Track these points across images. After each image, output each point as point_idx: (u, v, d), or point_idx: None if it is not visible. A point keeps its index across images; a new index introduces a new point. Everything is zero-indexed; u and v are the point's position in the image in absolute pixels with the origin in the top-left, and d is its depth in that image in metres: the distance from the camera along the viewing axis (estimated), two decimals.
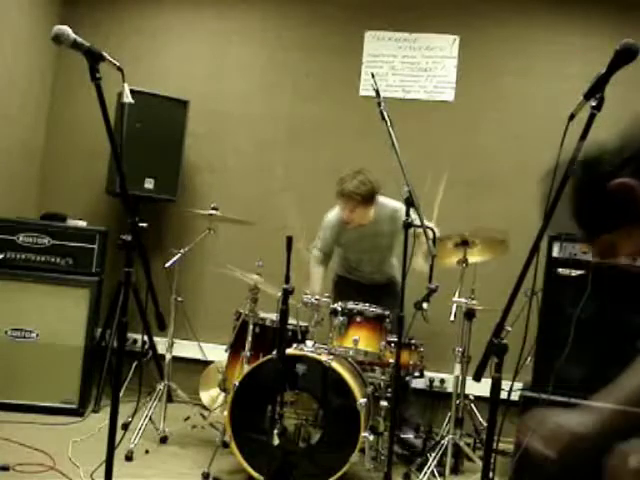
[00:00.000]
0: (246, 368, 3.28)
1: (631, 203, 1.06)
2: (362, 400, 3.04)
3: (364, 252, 3.98)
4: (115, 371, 2.31)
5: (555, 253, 3.29)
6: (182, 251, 3.64)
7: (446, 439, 3.37)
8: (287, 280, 2.89)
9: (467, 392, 3.69)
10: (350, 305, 3.49)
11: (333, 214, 3.90)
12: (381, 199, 3.77)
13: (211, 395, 4.14)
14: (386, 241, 3.92)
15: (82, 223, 4.16)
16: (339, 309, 3.44)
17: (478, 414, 3.92)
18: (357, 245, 3.94)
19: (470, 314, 3.47)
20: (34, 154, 4.74)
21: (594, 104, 1.81)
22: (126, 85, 2.22)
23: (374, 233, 3.85)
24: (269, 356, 3.17)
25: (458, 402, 3.52)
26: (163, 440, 3.58)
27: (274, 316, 3.47)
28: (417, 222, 2.80)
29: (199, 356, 4.46)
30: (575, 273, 3.22)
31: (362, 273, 4.06)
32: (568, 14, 4.44)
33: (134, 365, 4.27)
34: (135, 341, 4.40)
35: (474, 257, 3.58)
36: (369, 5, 4.67)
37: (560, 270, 3.27)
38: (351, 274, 4.11)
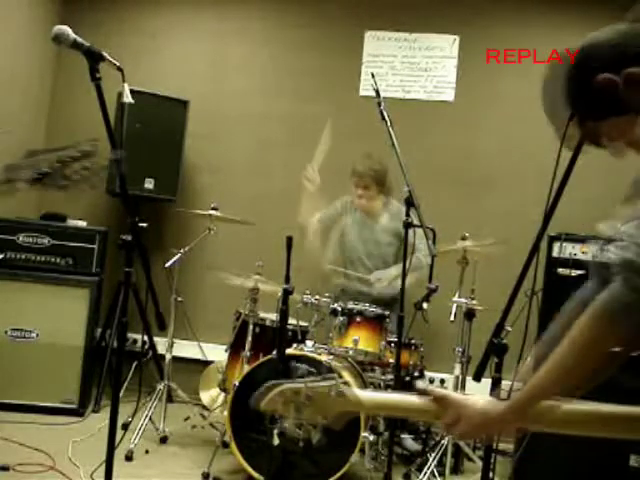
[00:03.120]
0: (246, 368, 3.28)
1: (614, 97, 1.14)
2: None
3: (363, 242, 3.98)
4: (115, 371, 2.31)
5: (555, 253, 3.29)
6: (182, 251, 3.65)
7: (446, 439, 3.37)
8: (287, 280, 2.89)
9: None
10: (350, 305, 3.49)
11: (344, 198, 4.05)
12: (392, 200, 3.91)
13: (211, 395, 4.14)
14: (388, 239, 3.92)
15: (82, 223, 4.16)
16: (339, 309, 3.44)
17: None
18: (358, 231, 3.98)
19: (470, 314, 3.47)
20: None
21: None
22: (126, 85, 2.22)
23: (377, 225, 3.95)
24: (269, 356, 3.17)
25: None
26: (163, 440, 3.58)
27: (274, 316, 3.47)
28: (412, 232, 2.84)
29: (199, 356, 4.46)
30: (575, 273, 3.22)
31: (362, 273, 4.01)
32: (568, 14, 4.44)
33: (134, 365, 4.26)
34: (135, 341, 4.40)
35: (473, 255, 3.56)
36: (369, 5, 4.67)
37: (560, 270, 3.27)
38: (351, 282, 4.04)
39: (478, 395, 1.24)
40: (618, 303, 1.01)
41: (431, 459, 3.34)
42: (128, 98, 2.26)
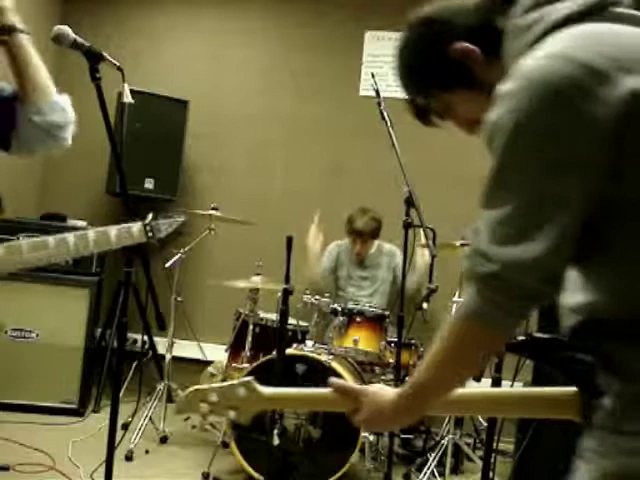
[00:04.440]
0: (246, 368, 3.28)
1: (469, 68, 1.12)
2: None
3: (361, 279, 4.10)
4: (115, 371, 2.31)
5: None
6: (182, 251, 3.65)
7: (446, 439, 3.37)
8: (287, 280, 2.89)
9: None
10: (350, 305, 3.49)
11: (336, 244, 4.18)
12: (383, 242, 4.13)
13: None
14: (384, 274, 4.10)
15: (82, 223, 4.15)
16: (339, 309, 3.44)
17: None
18: (354, 272, 4.11)
19: None
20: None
21: None
22: (126, 85, 2.22)
23: (372, 264, 4.12)
24: (269, 356, 3.17)
25: None
26: (163, 440, 3.58)
27: (274, 316, 3.47)
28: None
29: (199, 356, 4.46)
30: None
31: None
32: None
33: (134, 365, 4.26)
34: (135, 341, 4.39)
35: None
36: (369, 5, 4.67)
37: None
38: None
39: (379, 385, 1.25)
40: (474, 311, 0.99)
41: (431, 459, 3.34)
42: (128, 98, 2.26)
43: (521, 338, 1.22)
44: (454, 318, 1.04)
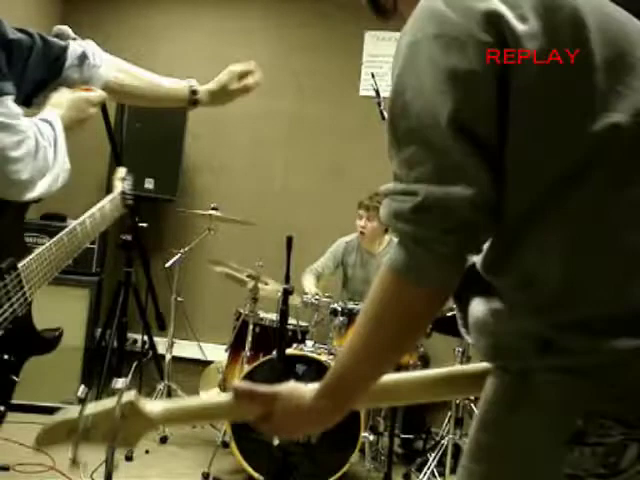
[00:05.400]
0: (246, 368, 3.28)
1: None
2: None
3: (367, 282, 4.05)
4: (115, 371, 2.31)
5: None
6: (182, 251, 3.65)
7: (446, 439, 3.37)
8: (287, 280, 2.89)
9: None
10: (350, 305, 3.49)
11: (342, 241, 4.06)
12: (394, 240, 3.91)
13: (211, 395, 4.14)
14: None
15: None
16: (339, 309, 3.44)
17: None
18: (362, 272, 4.03)
19: None
20: None
21: None
22: None
23: (380, 260, 3.99)
24: (269, 356, 3.17)
25: (458, 402, 3.52)
26: (163, 440, 3.58)
27: (274, 316, 3.47)
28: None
29: (199, 356, 4.46)
30: None
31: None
32: None
33: (134, 365, 4.26)
34: (135, 341, 4.39)
35: None
36: None
37: None
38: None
39: (293, 383, 1.07)
40: (397, 262, 0.91)
41: (431, 459, 3.34)
42: None
43: (450, 314, 1.14)
44: (376, 280, 0.95)
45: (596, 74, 0.87)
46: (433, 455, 3.35)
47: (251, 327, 3.44)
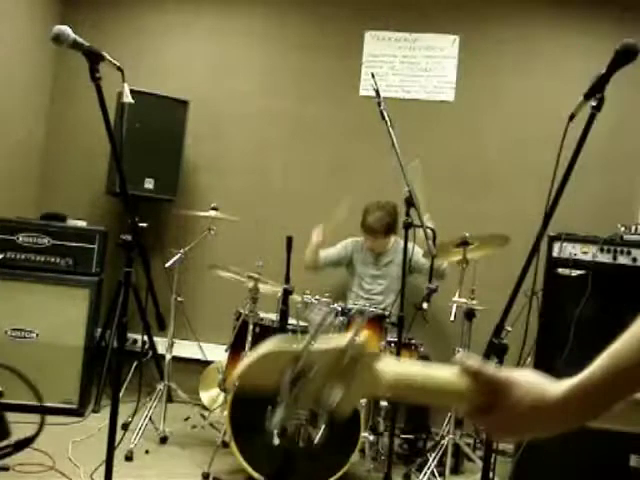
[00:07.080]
0: None
1: None
2: (362, 400, 3.04)
3: (373, 277, 4.11)
4: (115, 371, 2.31)
5: (555, 253, 3.29)
6: (182, 251, 3.65)
7: (446, 439, 3.37)
8: (287, 280, 2.89)
9: None
10: (350, 305, 3.49)
11: (353, 239, 4.19)
12: (399, 239, 4.02)
13: (211, 395, 4.14)
14: (398, 272, 4.01)
15: (82, 223, 4.16)
16: (339, 309, 3.44)
17: None
18: (368, 269, 4.11)
19: (470, 314, 3.47)
20: (34, 154, 4.74)
21: (594, 104, 1.81)
22: (126, 85, 2.22)
23: (386, 261, 4.10)
24: None
25: None
26: (163, 440, 3.58)
27: (274, 316, 3.47)
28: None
29: (199, 356, 4.46)
30: (575, 273, 3.22)
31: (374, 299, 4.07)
32: (568, 14, 4.44)
33: (134, 365, 4.26)
34: (135, 341, 4.40)
35: (474, 254, 3.56)
36: (369, 5, 4.67)
37: (560, 270, 3.26)
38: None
39: (528, 371, 0.86)
40: None
41: (431, 459, 3.34)
42: (128, 98, 2.26)
43: None
44: None
45: None
46: (433, 455, 3.35)
47: (251, 327, 3.44)
